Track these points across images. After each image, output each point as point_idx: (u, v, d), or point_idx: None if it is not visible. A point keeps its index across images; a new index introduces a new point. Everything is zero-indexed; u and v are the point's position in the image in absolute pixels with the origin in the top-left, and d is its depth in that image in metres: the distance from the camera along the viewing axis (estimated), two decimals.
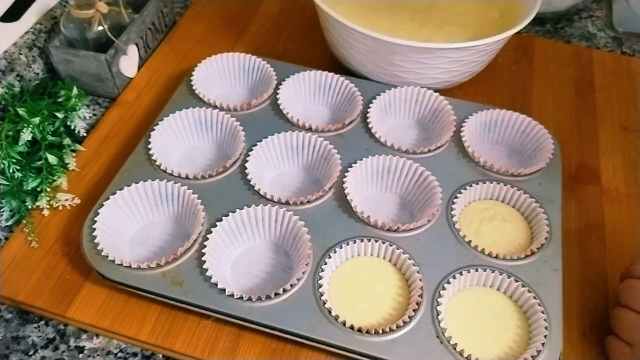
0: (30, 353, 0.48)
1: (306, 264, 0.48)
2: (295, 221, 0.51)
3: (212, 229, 0.50)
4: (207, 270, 0.48)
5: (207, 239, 0.50)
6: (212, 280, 0.47)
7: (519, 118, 0.60)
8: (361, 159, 0.56)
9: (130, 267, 0.48)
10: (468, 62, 0.61)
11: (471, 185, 0.55)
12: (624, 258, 0.54)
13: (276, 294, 0.47)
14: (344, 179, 0.54)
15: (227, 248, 0.51)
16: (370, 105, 0.61)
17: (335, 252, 0.50)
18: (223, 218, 0.51)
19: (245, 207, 0.52)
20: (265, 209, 0.52)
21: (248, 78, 0.67)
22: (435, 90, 0.62)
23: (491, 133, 0.62)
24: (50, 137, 0.59)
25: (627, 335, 0.45)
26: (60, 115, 0.60)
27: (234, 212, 0.51)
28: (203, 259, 0.48)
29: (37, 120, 0.57)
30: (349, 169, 0.55)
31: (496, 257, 0.50)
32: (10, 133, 0.57)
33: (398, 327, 0.46)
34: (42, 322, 0.50)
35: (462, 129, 0.60)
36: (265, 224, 0.52)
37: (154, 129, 0.58)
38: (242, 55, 0.66)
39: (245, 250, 0.52)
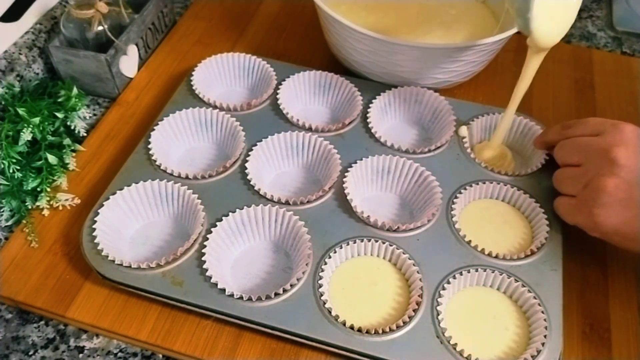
0: (30, 353, 0.48)
1: (306, 264, 0.48)
2: (295, 221, 0.51)
3: (212, 229, 0.50)
4: (207, 270, 0.48)
5: (207, 239, 0.50)
6: (212, 280, 0.47)
7: (517, 119, 0.60)
8: (361, 159, 0.56)
9: (130, 267, 0.48)
10: (468, 62, 0.61)
11: (471, 185, 0.55)
12: (624, 258, 0.54)
13: (276, 294, 0.47)
14: (344, 179, 0.54)
15: (227, 248, 0.51)
16: (370, 105, 0.61)
17: (335, 252, 0.50)
18: (223, 218, 0.51)
19: (245, 207, 0.52)
20: (265, 209, 0.52)
21: (248, 78, 0.67)
22: (435, 90, 0.62)
23: (491, 134, 0.62)
24: (50, 137, 0.59)
25: (570, 189, 0.49)
26: (60, 115, 0.60)
27: (234, 212, 0.51)
28: (203, 259, 0.48)
29: (37, 120, 0.57)
30: (349, 169, 0.55)
31: (496, 257, 0.50)
32: (10, 133, 0.57)
33: (398, 327, 0.46)
34: (42, 322, 0.50)
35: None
36: (265, 224, 0.52)
37: (154, 129, 0.58)
38: (242, 55, 0.66)
39: (245, 250, 0.52)
